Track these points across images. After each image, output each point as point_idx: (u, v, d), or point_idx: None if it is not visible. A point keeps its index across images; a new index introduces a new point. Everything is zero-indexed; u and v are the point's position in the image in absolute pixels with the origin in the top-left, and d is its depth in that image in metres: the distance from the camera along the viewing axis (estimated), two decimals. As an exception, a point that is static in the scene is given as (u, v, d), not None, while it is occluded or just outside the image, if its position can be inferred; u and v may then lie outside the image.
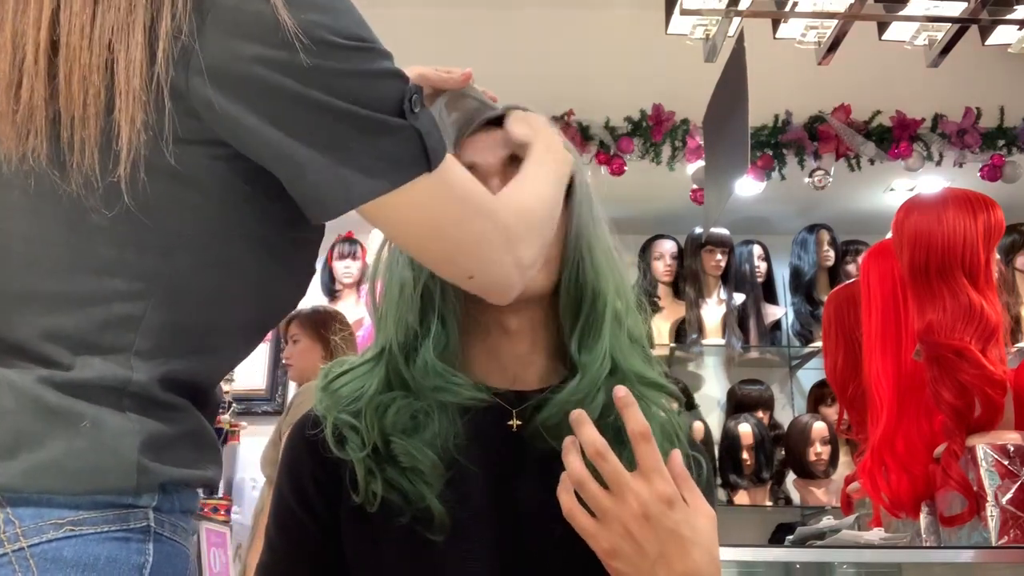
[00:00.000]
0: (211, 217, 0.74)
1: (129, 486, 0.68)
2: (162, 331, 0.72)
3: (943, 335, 1.69)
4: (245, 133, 0.70)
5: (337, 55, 0.71)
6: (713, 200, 2.66)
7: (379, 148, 0.72)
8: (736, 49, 2.23)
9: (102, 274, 0.71)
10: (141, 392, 0.70)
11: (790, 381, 4.14)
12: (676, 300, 4.01)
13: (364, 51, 0.73)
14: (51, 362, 0.69)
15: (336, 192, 0.73)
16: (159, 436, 0.70)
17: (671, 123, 3.46)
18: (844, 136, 3.46)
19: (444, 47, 3.10)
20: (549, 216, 0.89)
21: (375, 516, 0.85)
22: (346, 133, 0.71)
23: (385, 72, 0.74)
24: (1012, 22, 2.28)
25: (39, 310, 0.71)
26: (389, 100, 0.73)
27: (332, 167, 0.71)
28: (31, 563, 0.64)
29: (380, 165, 0.72)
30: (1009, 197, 2.95)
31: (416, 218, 0.77)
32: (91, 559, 0.66)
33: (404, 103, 0.73)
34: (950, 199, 1.77)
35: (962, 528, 1.69)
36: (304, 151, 0.71)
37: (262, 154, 0.72)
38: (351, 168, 0.72)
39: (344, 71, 0.71)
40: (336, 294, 4.03)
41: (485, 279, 0.82)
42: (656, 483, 0.74)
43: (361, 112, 0.71)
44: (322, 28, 0.70)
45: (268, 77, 0.69)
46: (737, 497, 3.68)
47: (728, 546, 1.58)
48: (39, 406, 0.67)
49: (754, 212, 3.96)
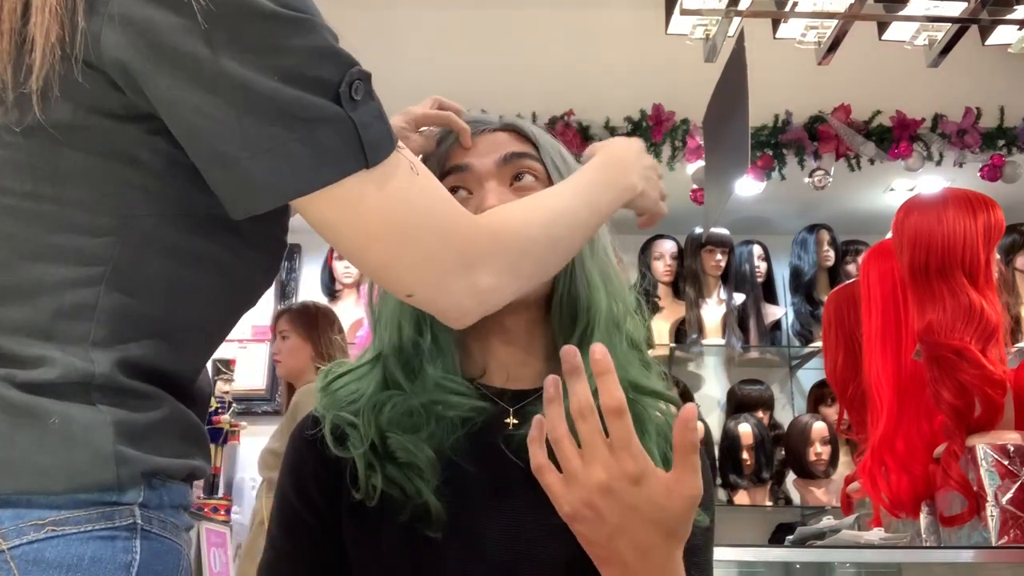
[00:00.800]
0: (155, 195, 0.69)
1: (110, 480, 0.65)
2: (117, 318, 0.68)
3: (943, 335, 1.70)
4: (159, 105, 0.64)
5: (264, 24, 0.63)
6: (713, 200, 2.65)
7: (305, 138, 0.64)
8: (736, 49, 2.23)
9: (46, 262, 0.67)
10: (107, 383, 0.67)
11: (790, 381, 4.14)
12: (676, 300, 4.01)
13: (296, 22, 0.65)
14: (8, 358, 0.66)
15: (244, 190, 0.65)
16: (134, 424, 0.67)
17: (671, 123, 3.46)
18: (844, 136, 3.46)
19: (444, 47, 3.10)
20: (548, 236, 0.81)
21: (375, 514, 0.85)
22: (269, 117, 0.63)
23: (321, 49, 0.66)
24: (1012, 22, 2.29)
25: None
26: (323, 82, 0.65)
27: (244, 158, 0.63)
28: (12, 566, 0.62)
29: (304, 160, 0.64)
30: (1009, 197, 2.96)
31: (348, 221, 0.68)
32: (74, 559, 0.64)
33: (342, 87, 0.65)
34: (950, 199, 1.77)
35: (962, 528, 1.69)
36: (216, 135, 0.63)
37: (175, 131, 0.65)
38: (269, 161, 0.64)
39: (271, 45, 0.64)
40: (336, 294, 4.03)
41: (427, 300, 0.74)
42: (623, 460, 0.71)
43: (288, 93, 0.63)
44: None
45: (182, 44, 0.62)
46: (737, 497, 3.68)
47: (728, 546, 1.58)
48: (3, 406, 0.64)
49: (754, 212, 3.96)
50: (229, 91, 0.63)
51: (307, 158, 0.65)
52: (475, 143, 0.97)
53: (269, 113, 0.63)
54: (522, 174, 0.95)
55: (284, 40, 0.64)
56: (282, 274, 4.27)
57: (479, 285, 0.74)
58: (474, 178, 0.95)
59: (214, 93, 0.63)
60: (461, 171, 0.95)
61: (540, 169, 0.96)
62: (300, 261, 4.28)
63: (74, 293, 0.67)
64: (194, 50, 0.62)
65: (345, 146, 0.66)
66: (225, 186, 0.66)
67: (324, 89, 0.65)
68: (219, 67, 0.62)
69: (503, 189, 0.94)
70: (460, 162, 0.95)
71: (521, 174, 0.95)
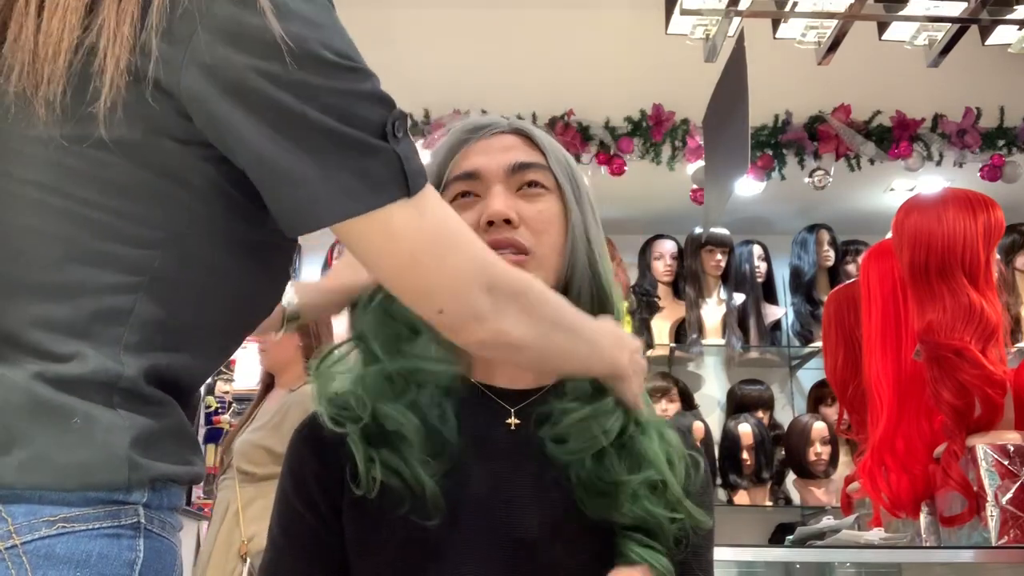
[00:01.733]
0: (199, 216, 0.75)
1: (121, 482, 0.69)
2: (149, 326, 0.73)
3: (943, 335, 1.70)
4: (229, 135, 0.71)
5: (327, 71, 0.72)
6: (713, 200, 2.66)
7: (359, 168, 0.72)
8: (736, 49, 2.24)
9: (92, 266, 0.72)
10: (130, 387, 0.71)
11: (790, 381, 4.14)
12: (676, 300, 4.01)
13: (353, 71, 0.74)
14: (42, 352, 0.70)
15: (309, 208, 0.73)
16: (148, 432, 0.71)
17: (671, 123, 3.46)
18: (844, 136, 3.46)
19: (444, 47, 3.10)
20: (554, 335, 0.85)
21: (375, 509, 0.86)
22: (329, 150, 0.72)
23: (371, 94, 0.74)
24: (1012, 22, 2.29)
25: (29, 299, 0.72)
26: (373, 122, 0.73)
27: (310, 182, 0.72)
28: (24, 560, 0.65)
29: (358, 186, 0.72)
30: (1009, 197, 2.96)
31: (390, 247, 0.76)
32: (83, 555, 0.67)
33: (387, 126, 0.74)
34: (950, 199, 1.77)
35: (962, 528, 1.69)
36: (286, 162, 0.71)
37: (243, 159, 0.73)
38: (329, 186, 0.72)
39: (332, 88, 0.72)
40: (336, 294, 4.03)
41: (454, 312, 0.80)
42: None
43: (345, 130, 0.72)
44: (313, 43, 0.71)
45: (259, 85, 0.70)
46: (737, 497, 3.68)
47: (728, 546, 1.58)
48: (31, 402, 0.68)
49: (754, 212, 3.96)
50: (301, 129, 0.71)
51: (363, 185, 0.73)
52: (482, 146, 0.97)
53: (332, 147, 0.72)
54: (529, 183, 0.95)
55: (344, 85, 0.73)
56: (282, 274, 4.27)
57: (497, 314, 0.80)
58: (482, 183, 0.95)
59: (288, 130, 0.71)
60: (469, 177, 0.96)
61: (548, 178, 0.96)
62: (300, 261, 4.28)
63: (113, 298, 0.72)
64: (273, 93, 0.70)
65: (392, 176, 0.74)
66: (291, 204, 0.73)
67: (375, 128, 0.73)
68: (293, 109, 0.71)
69: (509, 195, 0.94)
70: (468, 168, 0.96)
71: (528, 183, 0.95)
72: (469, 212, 0.94)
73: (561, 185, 0.96)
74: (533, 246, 0.92)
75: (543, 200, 0.95)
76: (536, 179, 0.95)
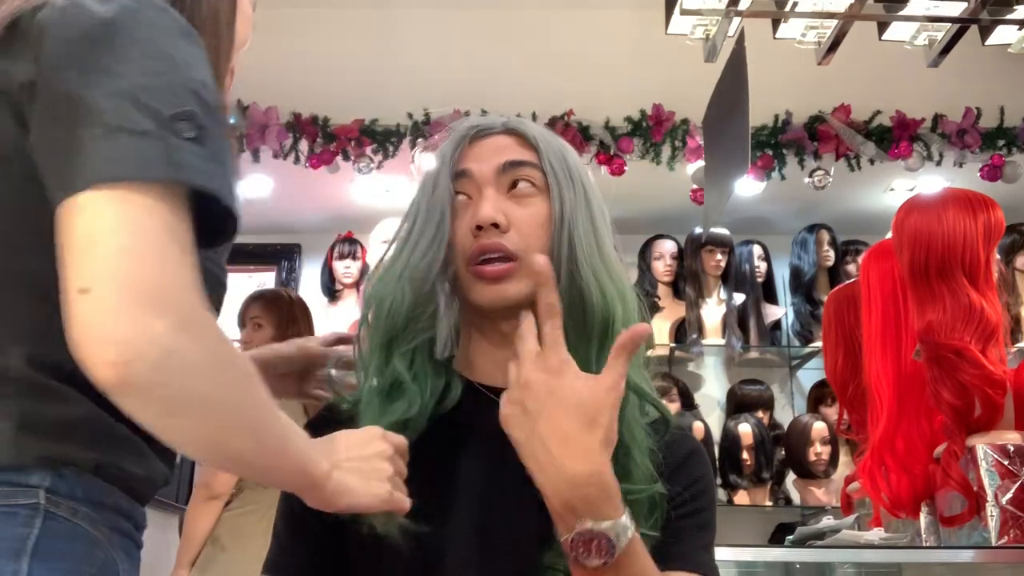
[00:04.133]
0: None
1: (7, 460, 0.72)
2: (23, 315, 0.75)
3: (943, 335, 1.70)
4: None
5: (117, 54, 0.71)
6: (713, 200, 2.66)
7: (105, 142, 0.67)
8: (736, 49, 2.24)
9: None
10: (20, 376, 0.73)
11: (790, 381, 4.14)
12: (676, 300, 4.01)
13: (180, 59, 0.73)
14: None
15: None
16: (43, 419, 0.73)
17: (671, 123, 3.45)
18: (844, 136, 3.46)
19: (444, 47, 3.10)
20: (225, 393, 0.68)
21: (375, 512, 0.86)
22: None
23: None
24: (1012, 22, 2.29)
25: None
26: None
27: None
28: None
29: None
30: (1009, 197, 2.95)
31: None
32: None
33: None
34: (950, 199, 1.77)
35: (962, 528, 1.69)
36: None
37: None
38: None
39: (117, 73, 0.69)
40: (336, 294, 4.03)
41: (98, 313, 0.63)
42: (547, 356, 0.79)
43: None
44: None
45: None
46: (737, 497, 3.68)
47: (728, 546, 1.58)
48: None
49: (754, 212, 3.96)
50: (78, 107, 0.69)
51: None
52: (477, 148, 0.96)
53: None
54: (518, 182, 0.94)
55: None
56: (282, 274, 4.27)
57: (158, 329, 0.63)
58: (474, 184, 0.94)
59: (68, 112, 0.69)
60: (462, 177, 0.95)
61: (539, 177, 0.94)
62: (300, 261, 4.28)
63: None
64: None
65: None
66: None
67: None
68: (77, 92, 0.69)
69: (500, 197, 0.93)
70: (461, 167, 0.95)
71: (517, 182, 0.94)
72: (463, 214, 0.93)
73: (550, 184, 0.94)
74: (522, 250, 0.90)
75: (533, 202, 0.93)
76: (525, 176, 0.94)
